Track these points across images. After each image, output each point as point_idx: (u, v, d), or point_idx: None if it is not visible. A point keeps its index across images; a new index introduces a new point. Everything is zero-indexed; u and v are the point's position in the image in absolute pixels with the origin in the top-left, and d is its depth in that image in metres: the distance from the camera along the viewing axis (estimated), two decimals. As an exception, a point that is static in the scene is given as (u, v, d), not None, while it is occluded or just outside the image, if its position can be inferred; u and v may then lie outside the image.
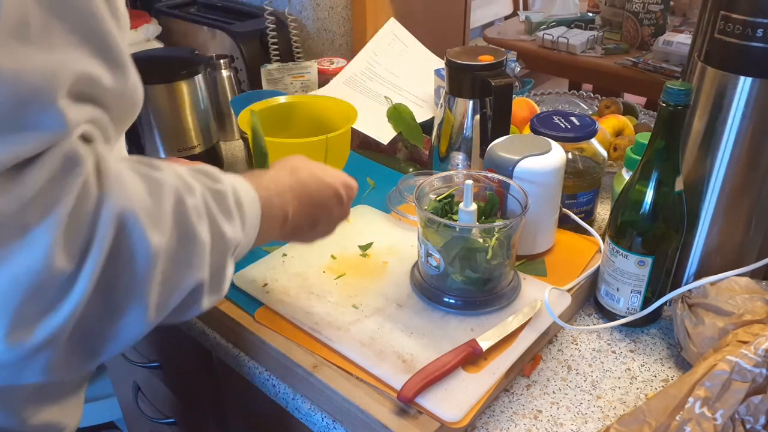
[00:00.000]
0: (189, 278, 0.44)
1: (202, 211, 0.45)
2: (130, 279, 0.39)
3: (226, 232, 0.47)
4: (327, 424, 0.64)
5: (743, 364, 0.55)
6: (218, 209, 0.47)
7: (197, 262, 0.44)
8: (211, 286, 0.47)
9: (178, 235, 0.42)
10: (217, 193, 0.48)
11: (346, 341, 0.66)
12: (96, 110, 0.40)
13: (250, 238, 0.53)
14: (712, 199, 0.70)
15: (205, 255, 0.45)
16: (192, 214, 0.44)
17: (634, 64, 2.00)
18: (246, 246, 0.53)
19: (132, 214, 0.39)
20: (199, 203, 0.45)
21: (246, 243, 0.53)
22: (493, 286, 0.71)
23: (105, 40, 0.40)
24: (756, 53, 0.62)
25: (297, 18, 1.42)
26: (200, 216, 0.45)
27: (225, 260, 0.48)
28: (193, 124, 1.04)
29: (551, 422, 0.63)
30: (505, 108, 0.87)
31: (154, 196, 0.41)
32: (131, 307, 0.40)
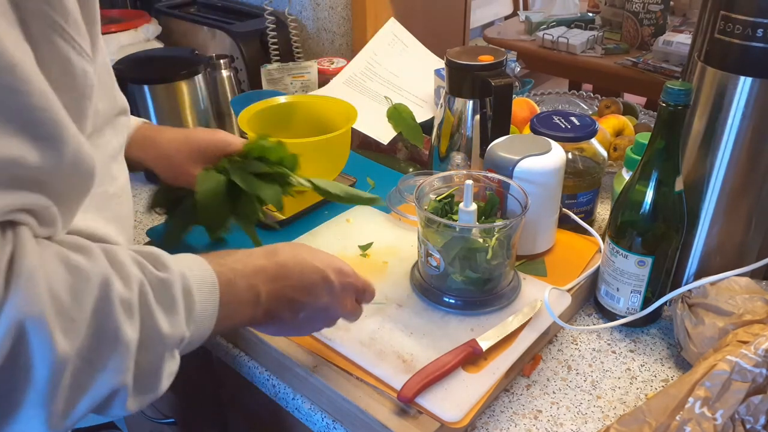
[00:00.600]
0: (103, 382, 0.40)
1: (134, 306, 0.41)
2: (26, 387, 0.37)
3: (161, 327, 0.43)
4: (327, 424, 0.64)
5: (743, 364, 0.55)
6: (157, 302, 0.43)
7: (115, 364, 0.40)
8: (138, 388, 0.43)
9: (95, 336, 0.39)
10: (161, 282, 0.44)
11: (346, 341, 0.66)
12: (25, 195, 0.37)
13: (203, 328, 0.48)
14: (712, 199, 0.70)
15: (128, 356, 0.41)
16: (117, 310, 0.40)
17: (634, 64, 2.00)
18: (200, 336, 0.48)
19: (36, 320, 0.36)
20: (133, 297, 0.41)
21: (199, 334, 0.48)
22: (493, 286, 0.71)
23: (31, 115, 0.36)
24: (756, 53, 0.62)
25: (297, 18, 1.42)
26: (130, 312, 0.41)
27: (159, 359, 0.44)
28: (193, 124, 1.05)
29: (551, 422, 0.63)
30: (505, 108, 0.87)
31: (74, 292, 0.38)
32: (29, 414, 0.37)
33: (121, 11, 1.50)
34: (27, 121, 0.36)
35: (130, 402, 0.43)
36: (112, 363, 0.40)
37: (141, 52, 1.13)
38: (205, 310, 0.48)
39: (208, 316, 0.48)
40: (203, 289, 0.48)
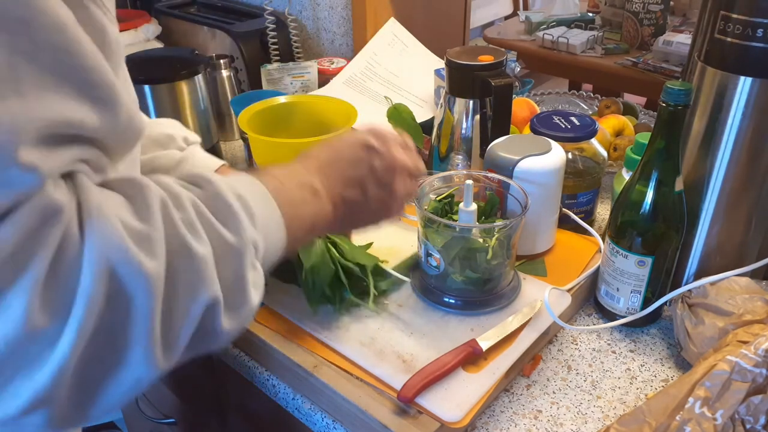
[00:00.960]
0: (194, 301, 0.40)
1: (195, 222, 0.41)
2: (130, 323, 0.37)
3: (227, 238, 0.43)
4: (327, 424, 0.64)
5: (743, 364, 0.55)
6: (214, 215, 0.43)
7: (199, 279, 0.40)
8: (230, 303, 0.43)
9: (173, 254, 0.39)
10: (210, 197, 0.44)
11: (346, 341, 0.66)
12: (82, 149, 0.38)
13: (274, 233, 0.48)
14: (712, 199, 0.70)
15: (208, 269, 0.41)
16: (182, 229, 0.40)
17: (634, 64, 2.00)
18: (275, 244, 0.48)
19: (121, 250, 0.36)
20: (190, 215, 0.41)
21: (273, 240, 0.48)
22: (493, 286, 0.71)
23: (88, 77, 0.36)
24: (756, 53, 0.62)
25: (297, 18, 1.42)
26: (193, 229, 0.41)
27: (239, 268, 0.43)
28: (193, 124, 1.05)
29: (551, 422, 0.63)
30: (505, 108, 0.87)
31: (142, 217, 0.38)
32: (134, 350, 0.37)
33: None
34: (84, 83, 0.36)
35: (226, 319, 0.42)
36: (196, 278, 0.40)
37: (141, 52, 1.13)
38: (267, 215, 0.48)
39: (275, 221, 0.48)
40: (255, 196, 0.47)
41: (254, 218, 0.45)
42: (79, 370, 0.36)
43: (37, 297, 0.33)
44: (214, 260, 0.41)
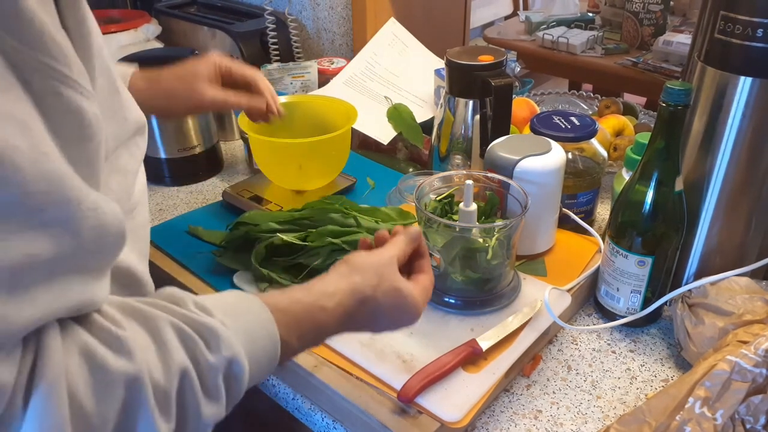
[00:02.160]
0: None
1: (171, 398, 0.39)
2: None
3: (201, 413, 0.41)
4: (327, 424, 0.64)
5: (743, 364, 0.55)
6: (202, 391, 0.41)
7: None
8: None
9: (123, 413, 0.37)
10: (209, 370, 0.41)
11: (346, 341, 0.66)
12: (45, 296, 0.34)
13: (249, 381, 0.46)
14: (712, 199, 0.70)
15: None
16: (148, 408, 0.37)
17: (634, 64, 2.00)
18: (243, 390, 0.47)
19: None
20: (170, 389, 0.39)
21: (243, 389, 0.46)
22: (493, 286, 0.71)
23: (30, 203, 0.32)
24: (756, 53, 0.62)
25: (297, 18, 1.42)
26: (165, 406, 0.38)
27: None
28: (193, 124, 1.04)
29: (551, 422, 0.63)
30: (505, 108, 0.87)
31: (98, 396, 0.35)
32: None
33: (121, 11, 1.50)
34: (24, 212, 0.32)
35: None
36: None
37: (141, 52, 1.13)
38: (253, 378, 0.46)
39: (263, 370, 0.47)
40: (259, 362, 0.45)
41: (231, 396, 0.45)
42: None
43: None
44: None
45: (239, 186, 0.96)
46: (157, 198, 1.02)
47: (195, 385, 0.40)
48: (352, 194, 0.96)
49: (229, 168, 1.12)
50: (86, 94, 0.37)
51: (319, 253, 0.73)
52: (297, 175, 0.92)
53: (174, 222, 0.90)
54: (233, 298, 0.47)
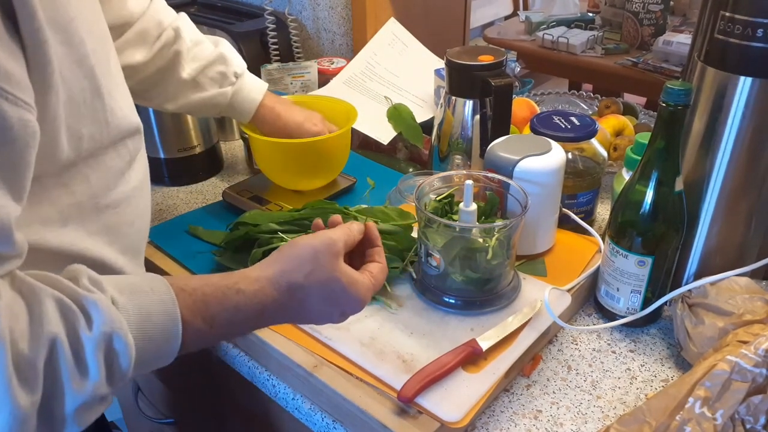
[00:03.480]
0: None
1: (37, 369, 0.40)
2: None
3: (66, 387, 0.42)
4: (327, 424, 0.64)
5: (743, 364, 0.55)
6: (73, 361, 0.42)
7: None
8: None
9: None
10: (78, 342, 0.42)
11: (346, 341, 0.66)
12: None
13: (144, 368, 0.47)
14: (712, 199, 0.70)
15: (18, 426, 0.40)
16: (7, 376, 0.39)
17: (634, 64, 2.00)
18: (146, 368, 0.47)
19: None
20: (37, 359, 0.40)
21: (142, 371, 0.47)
22: (493, 286, 0.71)
23: None
24: (756, 53, 0.62)
25: (297, 18, 1.42)
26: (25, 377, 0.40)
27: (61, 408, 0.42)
28: (193, 124, 1.04)
29: (551, 422, 0.63)
30: (505, 108, 0.87)
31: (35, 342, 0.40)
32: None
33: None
34: None
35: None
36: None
37: (141, 52, 1.13)
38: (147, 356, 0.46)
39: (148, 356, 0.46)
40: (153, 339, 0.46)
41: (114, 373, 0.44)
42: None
43: None
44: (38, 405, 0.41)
45: (239, 186, 0.96)
46: (157, 198, 1.02)
47: (66, 357, 0.41)
48: (352, 194, 0.97)
49: (229, 168, 1.12)
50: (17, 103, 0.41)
51: None
52: (297, 175, 0.92)
53: (174, 222, 0.90)
54: (139, 278, 0.48)
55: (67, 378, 0.42)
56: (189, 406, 1.08)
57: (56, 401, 0.42)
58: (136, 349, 0.44)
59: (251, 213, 0.81)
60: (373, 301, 0.72)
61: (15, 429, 0.39)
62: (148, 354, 0.46)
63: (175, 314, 0.46)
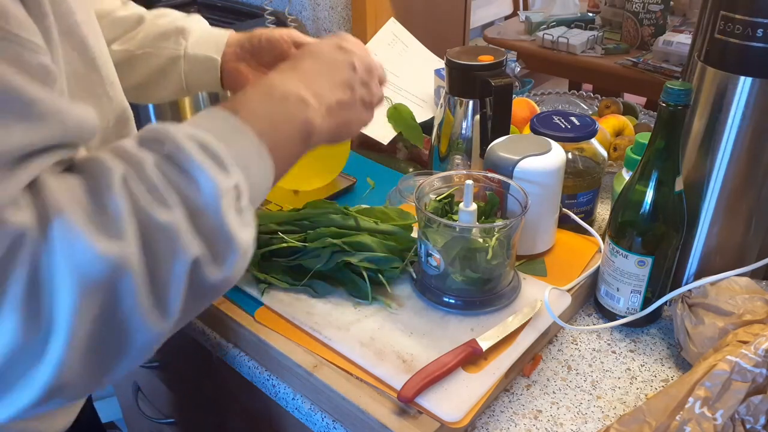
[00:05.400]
0: (176, 264, 0.40)
1: (159, 188, 0.40)
2: (117, 304, 0.37)
3: (194, 198, 0.41)
4: (327, 424, 0.64)
5: (743, 364, 0.55)
6: (179, 173, 0.41)
7: (173, 245, 0.39)
8: (215, 255, 0.42)
9: (144, 228, 0.39)
10: (173, 154, 0.42)
11: (346, 341, 0.66)
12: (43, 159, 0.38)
13: (257, 163, 0.46)
14: (712, 199, 0.70)
15: (181, 233, 0.40)
16: (144, 200, 0.39)
17: (634, 64, 2.00)
18: (261, 174, 0.47)
19: (89, 251, 0.36)
20: (154, 181, 0.40)
21: (256, 171, 0.46)
22: (493, 286, 0.71)
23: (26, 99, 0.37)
24: (756, 53, 0.62)
25: (297, 18, 1.42)
26: (158, 195, 0.40)
27: (218, 220, 0.42)
28: (193, 124, 1.04)
29: (551, 422, 0.63)
30: (505, 108, 0.87)
31: (104, 200, 0.38)
32: (132, 325, 0.38)
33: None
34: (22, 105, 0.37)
35: (216, 271, 0.42)
36: (171, 245, 0.39)
37: (141, 52, 1.13)
38: (243, 149, 0.45)
39: (254, 152, 0.46)
40: (226, 134, 0.45)
41: (224, 162, 0.43)
42: (85, 358, 0.37)
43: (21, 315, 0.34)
44: (188, 220, 0.40)
45: (239, 186, 0.96)
46: (157, 198, 1.02)
47: (171, 175, 0.41)
48: (352, 194, 0.97)
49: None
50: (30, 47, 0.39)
51: (320, 255, 0.73)
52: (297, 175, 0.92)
53: (174, 222, 0.90)
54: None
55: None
56: (189, 406, 1.08)
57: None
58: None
59: None
60: (373, 301, 0.72)
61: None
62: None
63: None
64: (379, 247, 0.74)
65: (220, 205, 0.42)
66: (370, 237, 0.74)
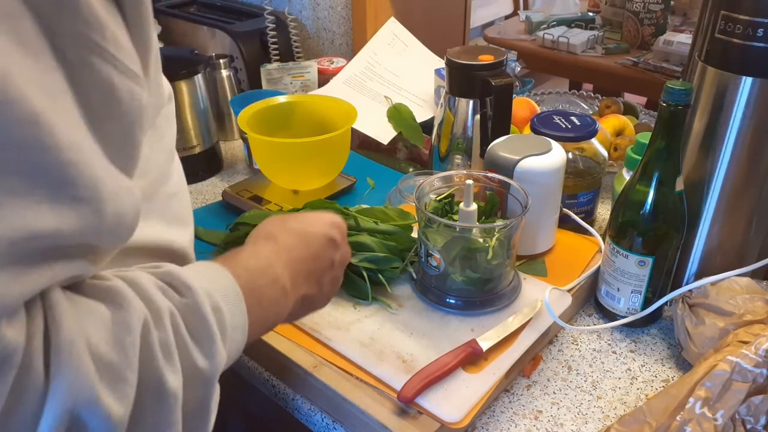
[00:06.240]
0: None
1: (171, 345, 0.36)
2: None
3: (199, 363, 0.38)
4: (327, 425, 0.64)
5: (744, 364, 0.55)
6: (190, 334, 0.38)
7: (165, 419, 0.36)
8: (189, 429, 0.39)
9: (144, 389, 0.34)
10: (189, 309, 0.39)
11: (346, 341, 0.66)
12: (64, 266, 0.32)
13: (237, 343, 0.43)
14: (712, 199, 0.70)
15: (176, 407, 0.36)
16: (158, 357, 0.35)
17: (634, 63, 2.00)
18: (235, 352, 0.44)
19: (90, 397, 0.31)
20: (168, 334, 0.36)
21: (233, 351, 0.43)
22: (494, 286, 0.71)
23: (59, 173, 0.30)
24: (757, 53, 0.61)
25: (297, 18, 1.42)
26: (169, 355, 0.36)
27: (207, 398, 0.39)
28: (192, 124, 1.04)
29: (552, 422, 0.63)
30: (506, 108, 0.87)
31: (119, 348, 0.33)
32: None
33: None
34: (57, 182, 0.30)
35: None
36: (163, 418, 0.36)
37: (141, 52, 1.13)
38: (236, 323, 0.43)
39: (239, 329, 0.43)
40: (229, 303, 0.42)
41: (225, 334, 0.41)
42: None
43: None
44: (182, 391, 0.37)
45: (239, 186, 0.96)
46: (157, 198, 1.02)
47: (183, 331, 0.38)
48: (352, 194, 0.96)
49: (229, 168, 1.12)
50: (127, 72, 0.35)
51: None
52: (297, 175, 0.92)
53: (174, 222, 0.90)
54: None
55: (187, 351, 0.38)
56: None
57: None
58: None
59: (251, 213, 0.81)
60: (373, 302, 0.72)
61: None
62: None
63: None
64: (379, 247, 0.74)
65: (213, 384, 0.39)
66: (370, 237, 0.74)
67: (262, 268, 0.48)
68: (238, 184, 0.97)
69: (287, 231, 0.54)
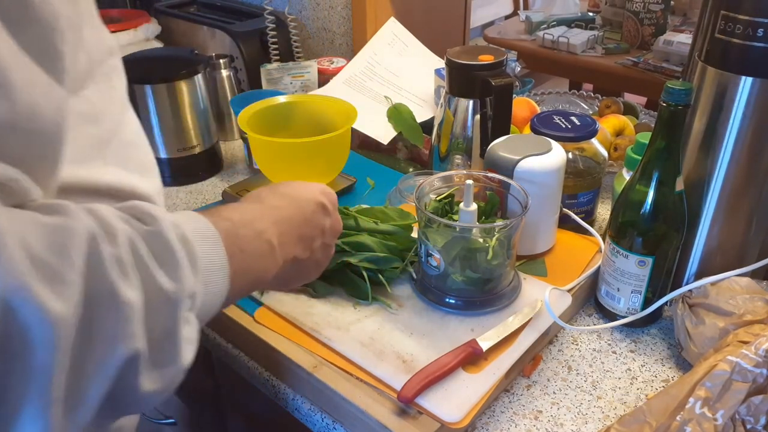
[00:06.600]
0: (109, 353, 0.33)
1: (127, 263, 0.35)
2: (22, 370, 0.30)
3: (162, 284, 0.37)
4: (327, 425, 0.64)
5: (744, 364, 0.55)
6: (152, 256, 0.37)
7: (119, 329, 0.34)
8: (155, 360, 0.36)
9: (91, 299, 0.32)
10: (151, 234, 0.38)
11: (346, 341, 0.66)
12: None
13: (217, 284, 0.42)
14: (712, 199, 0.70)
15: (133, 319, 0.34)
16: (110, 269, 0.34)
17: (634, 63, 2.00)
18: (215, 295, 0.43)
19: (20, 287, 0.29)
20: (123, 252, 0.35)
21: (213, 292, 0.42)
22: (494, 286, 0.71)
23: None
24: (757, 53, 0.61)
25: (297, 18, 1.42)
26: (124, 270, 0.35)
27: (173, 321, 0.38)
28: (192, 124, 1.04)
29: (552, 422, 0.63)
30: (506, 108, 0.87)
31: (59, 249, 0.32)
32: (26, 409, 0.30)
33: (121, 11, 1.50)
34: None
35: (148, 380, 0.36)
36: (116, 328, 0.34)
37: (140, 52, 1.13)
38: (212, 261, 0.42)
39: (218, 269, 0.42)
40: (203, 240, 0.42)
41: (196, 265, 0.40)
42: None
43: None
44: (144, 309, 0.35)
45: (239, 186, 0.96)
46: (156, 198, 1.02)
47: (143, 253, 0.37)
48: (352, 194, 0.96)
49: (229, 168, 1.12)
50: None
51: None
52: (297, 175, 0.92)
53: (174, 222, 0.90)
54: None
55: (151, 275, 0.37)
56: (189, 406, 1.07)
57: None
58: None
59: None
60: (373, 302, 0.72)
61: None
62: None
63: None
64: (379, 247, 0.74)
65: (180, 308, 0.38)
66: (370, 237, 0.74)
67: (246, 221, 0.48)
68: (238, 184, 0.97)
69: (276, 194, 0.54)
